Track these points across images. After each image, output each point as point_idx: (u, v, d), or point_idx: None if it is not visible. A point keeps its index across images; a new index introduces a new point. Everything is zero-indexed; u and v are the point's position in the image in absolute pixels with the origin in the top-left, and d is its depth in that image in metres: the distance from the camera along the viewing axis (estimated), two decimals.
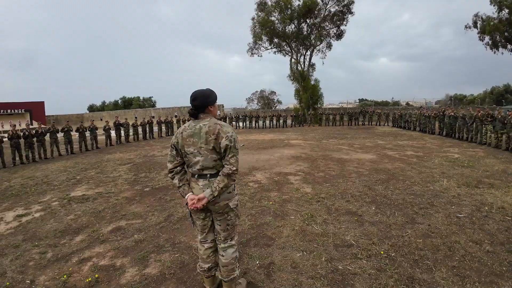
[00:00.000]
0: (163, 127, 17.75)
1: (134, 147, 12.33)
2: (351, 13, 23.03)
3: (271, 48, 25.57)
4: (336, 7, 22.79)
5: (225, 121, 21.62)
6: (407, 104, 48.80)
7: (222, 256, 2.16)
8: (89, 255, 3.01)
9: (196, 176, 2.05)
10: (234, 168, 1.92)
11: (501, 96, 41.13)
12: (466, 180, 5.56)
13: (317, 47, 24.52)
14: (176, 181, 2.11)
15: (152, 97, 60.61)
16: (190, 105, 2.05)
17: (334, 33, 24.24)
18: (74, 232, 3.60)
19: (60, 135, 11.07)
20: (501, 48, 22.79)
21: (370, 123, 22.76)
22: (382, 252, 2.94)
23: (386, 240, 3.21)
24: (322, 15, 22.95)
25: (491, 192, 4.82)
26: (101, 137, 13.86)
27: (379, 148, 10.10)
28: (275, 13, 23.12)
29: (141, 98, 58.92)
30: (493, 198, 4.53)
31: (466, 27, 24.05)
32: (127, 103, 56.18)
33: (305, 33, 23.73)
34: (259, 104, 53.68)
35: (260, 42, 25.15)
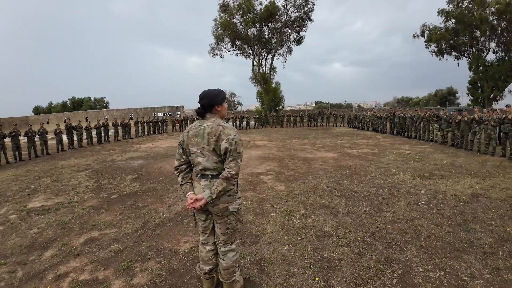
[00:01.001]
0: (120, 130, 16.63)
1: (89, 152, 11.38)
2: (310, 20, 24.24)
3: (233, 50, 25.72)
4: (297, 14, 23.79)
5: (187, 123, 21.38)
6: (359, 106, 52.95)
7: (223, 260, 2.14)
8: (65, 270, 2.74)
9: (199, 175, 2.04)
10: (234, 172, 1.89)
11: (445, 98, 46.08)
12: (419, 173, 6.28)
13: (278, 51, 25.38)
14: (179, 178, 2.12)
15: (104, 97, 56.49)
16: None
17: (294, 38, 25.32)
18: (42, 247, 3.25)
19: (6, 140, 9.71)
20: (446, 55, 25.66)
21: (327, 124, 24.18)
22: (359, 238, 3.22)
23: (360, 228, 3.52)
24: (283, 21, 23.78)
25: (443, 182, 5.51)
26: (50, 142, 12.53)
27: (339, 147, 10.80)
28: (237, 15, 23.34)
29: (92, 98, 54.53)
30: (445, 187, 5.19)
31: (414, 36, 26.65)
32: (77, 104, 51.61)
33: (266, 37, 24.35)
34: None
35: (222, 44, 25.15)
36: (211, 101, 2.00)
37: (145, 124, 19.33)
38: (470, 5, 22.31)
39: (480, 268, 2.58)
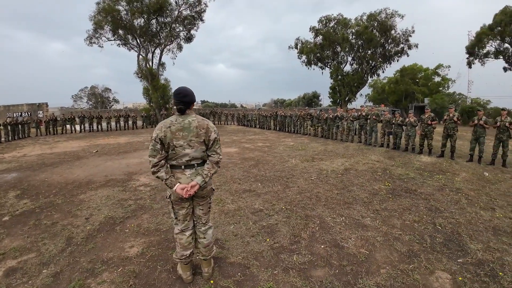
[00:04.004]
0: None
1: None
2: (202, 20, 24.06)
3: (114, 39, 22.65)
4: (189, 11, 23.23)
5: (55, 124, 17.51)
6: (242, 106, 57.54)
7: (204, 238, 2.43)
8: None
9: (182, 167, 2.24)
10: (221, 157, 2.32)
11: (310, 100, 57.30)
12: (305, 158, 8.06)
13: (168, 47, 24.20)
14: (162, 174, 2.19)
15: None
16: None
17: (185, 36, 24.75)
18: None
19: None
20: (313, 65, 31.57)
21: (219, 123, 25.43)
22: (283, 207, 4.17)
23: (280, 201, 4.49)
24: (174, 16, 22.82)
25: (323, 163, 7.38)
26: None
27: (237, 143, 11.93)
28: (123, 2, 20.61)
29: None
30: (326, 166, 7.01)
31: (289, 47, 31.66)
32: None
33: (154, 30, 22.73)
34: (90, 102, 45.56)
35: (101, 32, 21.68)
36: (192, 99, 2.26)
37: (2, 127, 14.44)
38: (335, 25, 28.82)
39: (365, 211, 4.03)
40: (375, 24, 26.74)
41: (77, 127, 19.18)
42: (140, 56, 23.03)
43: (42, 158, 9.05)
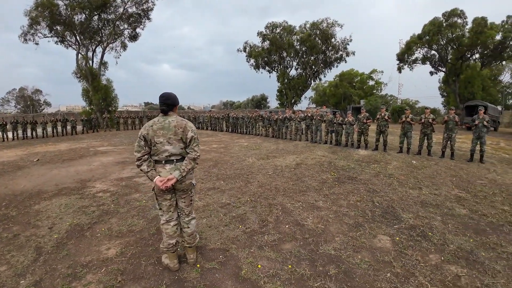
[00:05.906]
0: None
1: None
2: (148, 18, 23.06)
3: (51, 36, 20.17)
4: (135, 9, 22.05)
5: None
6: (189, 108, 56.38)
7: (188, 228, 2.73)
8: None
9: (163, 161, 2.52)
10: (198, 154, 2.53)
11: (259, 102, 59.24)
12: (260, 156, 8.68)
13: (111, 45, 22.48)
14: (144, 167, 2.49)
15: None
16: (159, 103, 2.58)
17: (129, 34, 23.32)
18: None
19: None
20: (261, 68, 32.98)
21: None
22: (248, 200, 4.65)
23: (244, 194, 4.97)
24: (118, 13, 21.27)
25: (277, 160, 8.10)
26: None
27: None
28: None
29: None
30: (280, 162, 7.73)
31: (238, 50, 32.72)
32: None
33: (96, 27, 20.89)
34: (19, 106, 39.86)
35: (38, 27, 19.06)
36: (174, 102, 2.58)
37: None
38: (281, 32, 30.44)
39: (317, 196, 4.77)
40: (317, 32, 29.21)
41: (10, 135, 16.69)
42: (80, 55, 21.02)
43: None
